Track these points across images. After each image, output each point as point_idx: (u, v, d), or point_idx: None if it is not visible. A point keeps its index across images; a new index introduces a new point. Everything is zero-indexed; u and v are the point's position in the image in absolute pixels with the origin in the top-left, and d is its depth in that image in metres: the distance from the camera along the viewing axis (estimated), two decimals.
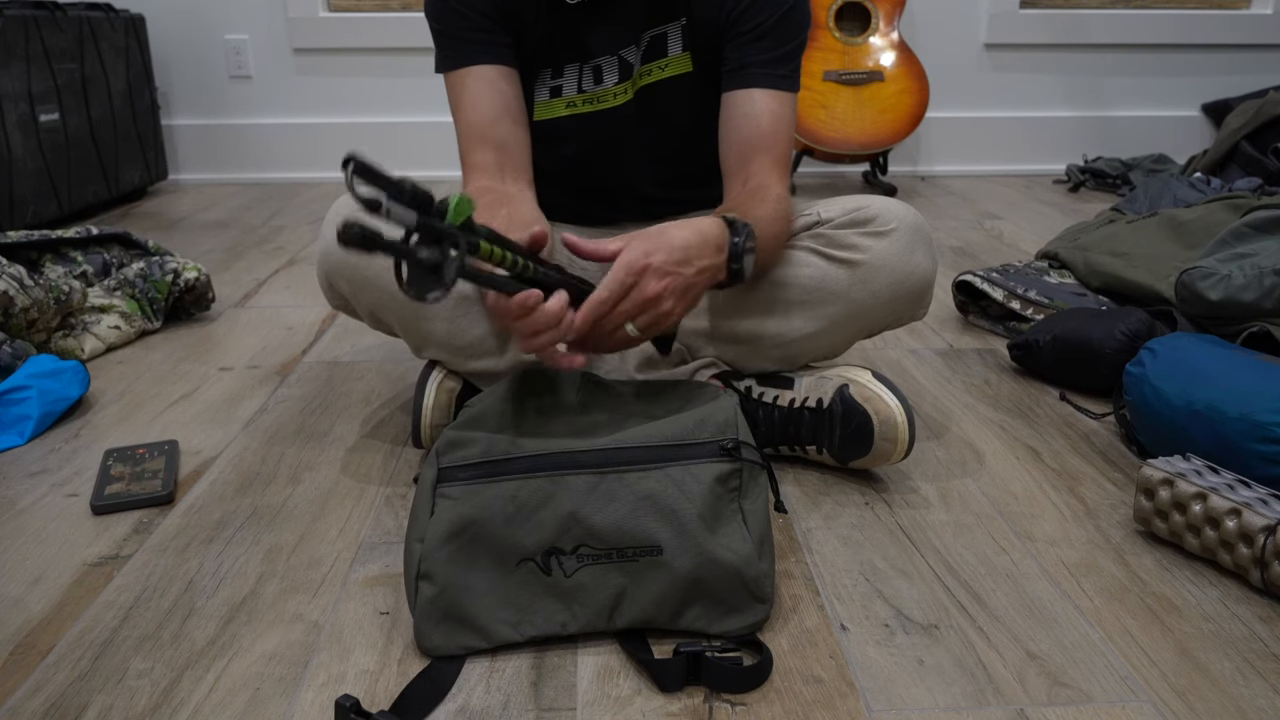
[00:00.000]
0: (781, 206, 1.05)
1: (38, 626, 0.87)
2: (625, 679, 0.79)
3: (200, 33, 3.02)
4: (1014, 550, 0.99)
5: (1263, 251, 1.34)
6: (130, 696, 0.78)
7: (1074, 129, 3.22)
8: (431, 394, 1.12)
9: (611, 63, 1.13)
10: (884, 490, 1.10)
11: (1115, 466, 1.17)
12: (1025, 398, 1.37)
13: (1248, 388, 1.01)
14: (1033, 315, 1.58)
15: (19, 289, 1.40)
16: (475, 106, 1.10)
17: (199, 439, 1.24)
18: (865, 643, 0.84)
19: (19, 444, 1.23)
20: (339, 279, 1.10)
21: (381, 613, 0.88)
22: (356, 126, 3.11)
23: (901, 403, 1.06)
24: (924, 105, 2.76)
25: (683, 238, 0.91)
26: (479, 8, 1.09)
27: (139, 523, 1.04)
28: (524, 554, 0.81)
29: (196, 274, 1.70)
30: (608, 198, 1.26)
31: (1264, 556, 0.88)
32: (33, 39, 2.32)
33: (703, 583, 0.81)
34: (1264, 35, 3.15)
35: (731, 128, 1.11)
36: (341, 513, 1.06)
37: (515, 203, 1.07)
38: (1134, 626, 0.86)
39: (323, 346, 1.59)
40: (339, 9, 3.05)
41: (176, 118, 3.10)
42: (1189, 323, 1.39)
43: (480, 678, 0.80)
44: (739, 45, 1.10)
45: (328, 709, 0.76)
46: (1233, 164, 2.53)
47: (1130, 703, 0.77)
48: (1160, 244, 1.67)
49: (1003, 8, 3.09)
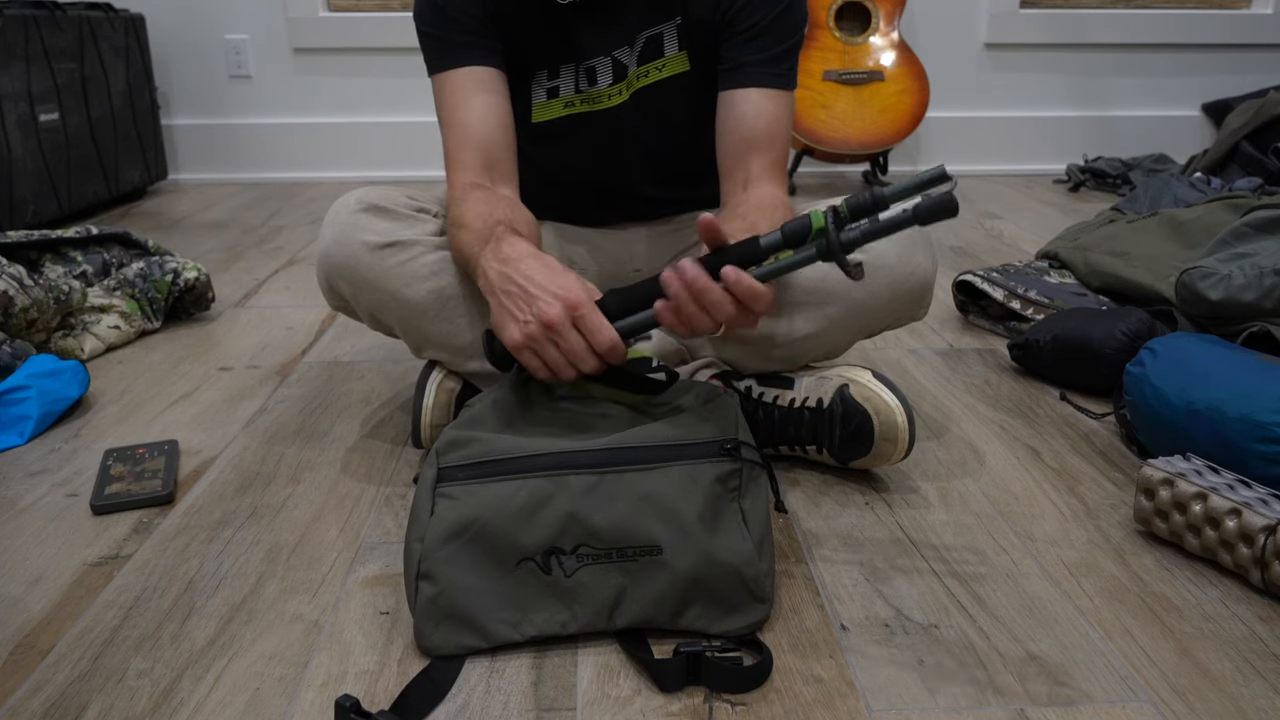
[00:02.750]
0: (788, 214, 1.06)
1: (38, 626, 0.87)
2: (625, 679, 0.79)
3: (200, 33, 3.02)
4: (1014, 550, 0.99)
5: (1263, 251, 1.34)
6: (130, 696, 0.78)
7: (1074, 129, 3.22)
8: (431, 394, 1.12)
9: (605, 64, 1.13)
10: (884, 490, 1.10)
11: (1115, 466, 1.17)
12: (1025, 398, 1.37)
13: (1248, 388, 1.01)
14: (1033, 315, 1.58)
15: (19, 289, 1.40)
16: (463, 108, 1.09)
17: (199, 439, 1.24)
18: (865, 643, 0.84)
19: (19, 444, 1.23)
20: (339, 280, 1.10)
21: (381, 613, 0.88)
22: (356, 126, 3.11)
23: (902, 403, 1.06)
24: (924, 105, 2.76)
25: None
26: (468, 10, 1.08)
27: (139, 523, 1.04)
28: (524, 554, 0.81)
29: (196, 274, 1.70)
30: (607, 198, 1.26)
31: (1264, 556, 0.88)
32: (33, 39, 2.32)
33: (703, 582, 0.81)
34: (1264, 35, 3.15)
35: (728, 127, 1.11)
36: (341, 513, 1.06)
37: (513, 206, 1.07)
38: (1134, 626, 0.86)
39: (323, 346, 1.59)
40: (339, 9, 3.05)
41: (176, 117, 3.10)
42: (1189, 323, 1.39)
43: (480, 678, 0.79)
44: (735, 44, 1.10)
45: (328, 709, 0.76)
46: (1233, 164, 2.53)
47: (1130, 703, 0.77)
48: (1160, 244, 1.67)
49: (1003, 8, 3.09)
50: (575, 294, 0.85)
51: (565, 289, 0.86)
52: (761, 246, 0.82)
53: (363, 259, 1.07)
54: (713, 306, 0.80)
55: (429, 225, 1.11)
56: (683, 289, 0.81)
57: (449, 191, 1.09)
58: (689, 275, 0.80)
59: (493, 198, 1.05)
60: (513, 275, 0.89)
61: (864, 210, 0.78)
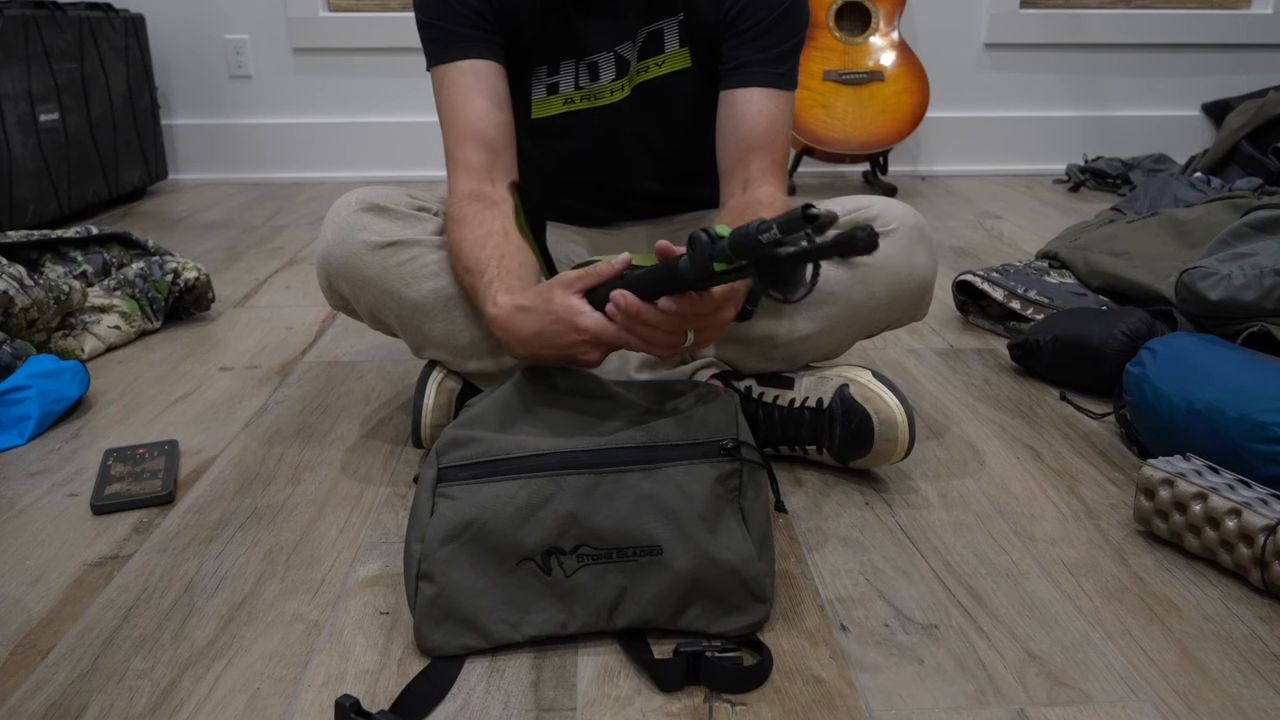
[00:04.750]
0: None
1: (38, 626, 0.87)
2: (625, 679, 0.79)
3: (200, 33, 3.03)
4: (1014, 550, 0.99)
5: (1263, 251, 1.34)
6: (130, 696, 0.78)
7: (1074, 129, 3.22)
8: (431, 394, 1.12)
9: (608, 59, 1.13)
10: (884, 490, 1.10)
11: (1115, 466, 1.17)
12: (1025, 398, 1.37)
13: (1248, 388, 1.01)
14: (1033, 315, 1.58)
15: (19, 289, 1.40)
16: (463, 101, 1.09)
17: (199, 439, 1.24)
18: (865, 643, 0.84)
19: (19, 444, 1.23)
20: (339, 280, 1.10)
21: (381, 613, 0.88)
22: (356, 126, 3.11)
23: (901, 403, 1.06)
24: (924, 105, 2.76)
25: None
26: (470, 3, 1.08)
27: (139, 523, 1.04)
28: (524, 554, 0.81)
29: (196, 274, 1.70)
30: (607, 195, 1.26)
31: (1264, 556, 0.88)
32: (33, 39, 2.32)
33: (703, 582, 0.81)
34: (1264, 35, 3.15)
35: (729, 127, 1.11)
36: (341, 513, 1.06)
37: (506, 229, 1.04)
38: (1134, 626, 0.86)
39: (323, 346, 1.59)
40: (339, 9, 3.05)
41: (176, 118, 3.10)
42: (1189, 323, 1.39)
43: (480, 678, 0.79)
44: (737, 43, 1.10)
45: (328, 709, 0.76)
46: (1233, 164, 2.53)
47: (1130, 703, 0.77)
48: (1160, 244, 1.67)
49: (1003, 8, 3.09)
50: (581, 323, 0.87)
51: (570, 328, 0.87)
52: (679, 269, 0.77)
53: (363, 258, 1.07)
54: (650, 328, 0.82)
55: (430, 225, 1.11)
56: (620, 316, 0.83)
57: (449, 191, 1.09)
58: (622, 304, 0.82)
59: (488, 217, 1.03)
60: (531, 342, 0.91)
61: (795, 227, 0.69)
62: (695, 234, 0.73)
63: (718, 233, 0.72)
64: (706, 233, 0.73)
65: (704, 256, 0.72)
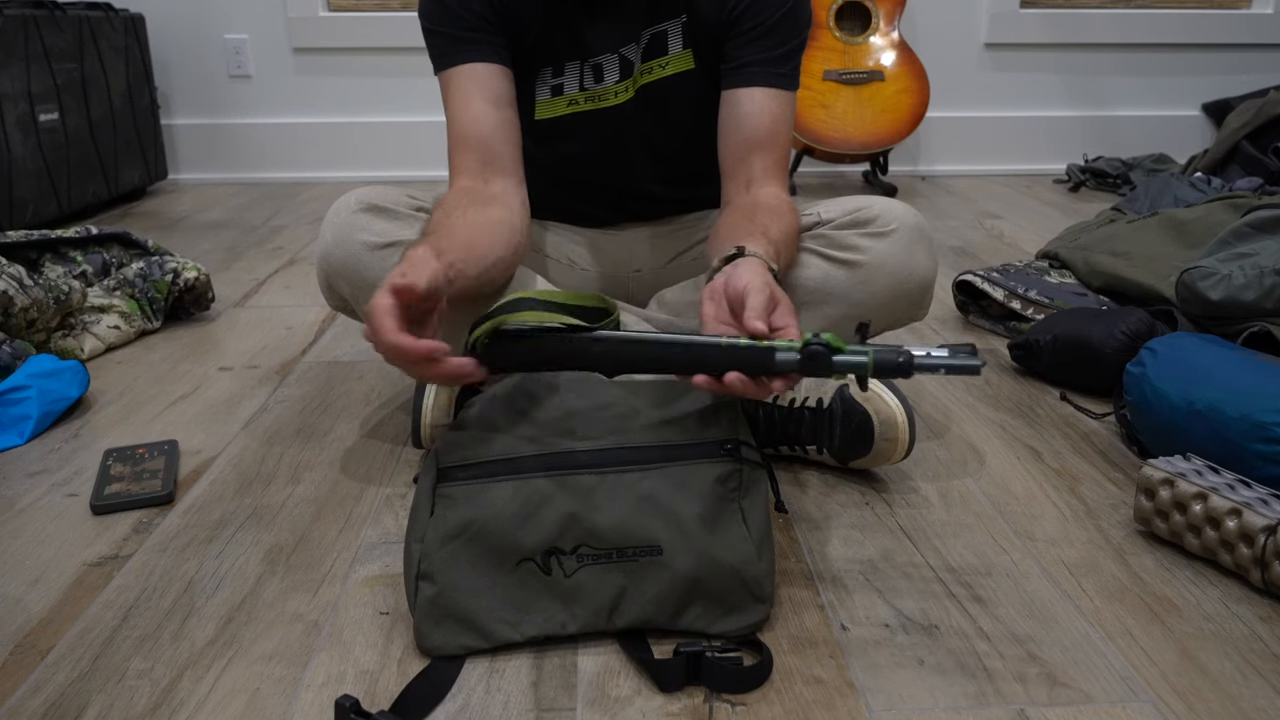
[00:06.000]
0: (794, 217, 1.06)
1: (38, 626, 0.87)
2: (625, 679, 0.79)
3: (200, 33, 3.02)
4: (1014, 550, 0.99)
5: (1263, 251, 1.34)
6: (130, 696, 0.78)
7: (1074, 129, 3.22)
8: (431, 394, 1.12)
9: (612, 60, 1.13)
10: (884, 490, 1.10)
11: (1115, 466, 1.17)
12: (1025, 398, 1.37)
13: (1248, 388, 1.01)
14: (1033, 315, 1.58)
15: (19, 289, 1.40)
16: (462, 106, 1.10)
17: (199, 439, 1.24)
18: (865, 643, 0.84)
19: (19, 444, 1.23)
20: (339, 280, 1.10)
21: (381, 613, 0.88)
22: (356, 126, 3.11)
23: (902, 403, 1.06)
24: (924, 105, 2.76)
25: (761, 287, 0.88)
26: (473, 7, 1.08)
27: (139, 523, 1.04)
28: (524, 554, 0.81)
29: (196, 274, 1.70)
30: (609, 197, 1.26)
31: (1264, 556, 0.88)
32: (32, 39, 2.32)
33: (702, 582, 0.81)
34: (1264, 35, 3.15)
35: (731, 126, 1.11)
36: (341, 513, 1.06)
37: (492, 204, 1.05)
38: (1134, 626, 0.86)
39: (322, 346, 1.59)
40: (339, 9, 3.05)
41: (176, 117, 3.10)
42: (1189, 322, 1.39)
43: (480, 678, 0.79)
44: (739, 43, 1.10)
45: (328, 709, 0.76)
46: (1233, 164, 2.53)
47: (1130, 703, 0.77)
48: (1161, 244, 1.67)
49: (1003, 7, 3.09)
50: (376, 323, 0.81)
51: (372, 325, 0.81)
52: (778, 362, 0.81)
53: (363, 259, 1.07)
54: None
55: None
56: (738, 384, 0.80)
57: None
58: (738, 386, 0.80)
59: (464, 196, 1.04)
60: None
61: (891, 371, 0.80)
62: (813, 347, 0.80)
63: (829, 342, 0.80)
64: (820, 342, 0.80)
65: (824, 366, 0.80)
